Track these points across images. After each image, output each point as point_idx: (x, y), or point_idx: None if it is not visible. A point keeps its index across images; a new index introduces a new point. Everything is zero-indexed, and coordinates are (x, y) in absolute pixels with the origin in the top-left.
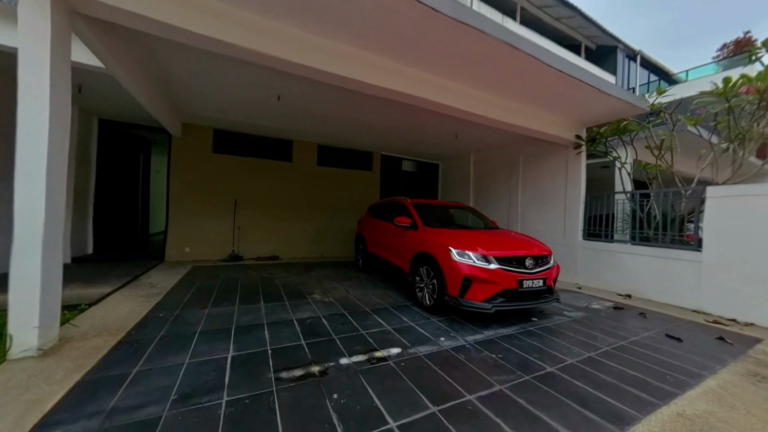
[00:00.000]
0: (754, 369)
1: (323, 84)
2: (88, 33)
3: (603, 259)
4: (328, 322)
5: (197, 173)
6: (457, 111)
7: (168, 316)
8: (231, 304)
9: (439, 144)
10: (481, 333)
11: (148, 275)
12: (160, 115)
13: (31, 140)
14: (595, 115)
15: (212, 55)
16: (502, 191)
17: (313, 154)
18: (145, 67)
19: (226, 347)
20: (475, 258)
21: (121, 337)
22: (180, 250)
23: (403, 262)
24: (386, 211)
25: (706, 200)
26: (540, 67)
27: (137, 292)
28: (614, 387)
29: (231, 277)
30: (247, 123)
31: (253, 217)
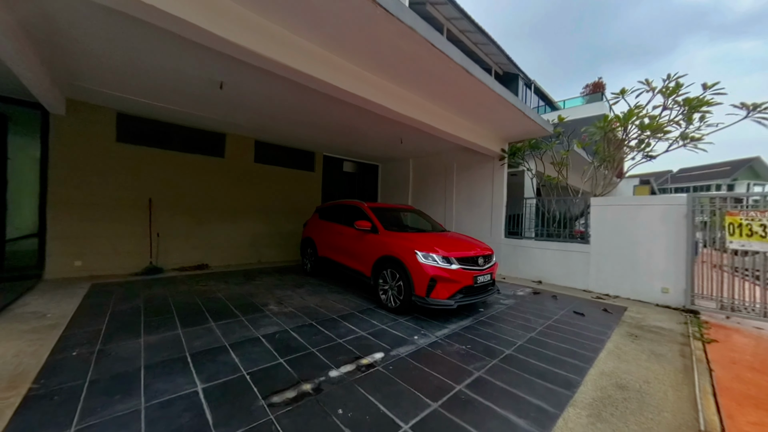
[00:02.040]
0: (629, 330)
1: (273, 76)
2: None
3: (520, 253)
4: (299, 335)
5: (94, 166)
6: (408, 119)
7: (86, 353)
8: (171, 327)
9: (383, 147)
10: (446, 327)
11: (24, 302)
12: (36, 83)
13: None
14: (516, 133)
15: (128, 20)
16: (438, 194)
17: (250, 150)
18: (19, 17)
19: (190, 380)
20: (438, 260)
21: (27, 390)
22: (67, 264)
23: (363, 266)
24: (339, 214)
25: (591, 207)
26: (485, 91)
27: (17, 326)
28: (556, 359)
29: (156, 295)
30: (169, 110)
31: (175, 221)
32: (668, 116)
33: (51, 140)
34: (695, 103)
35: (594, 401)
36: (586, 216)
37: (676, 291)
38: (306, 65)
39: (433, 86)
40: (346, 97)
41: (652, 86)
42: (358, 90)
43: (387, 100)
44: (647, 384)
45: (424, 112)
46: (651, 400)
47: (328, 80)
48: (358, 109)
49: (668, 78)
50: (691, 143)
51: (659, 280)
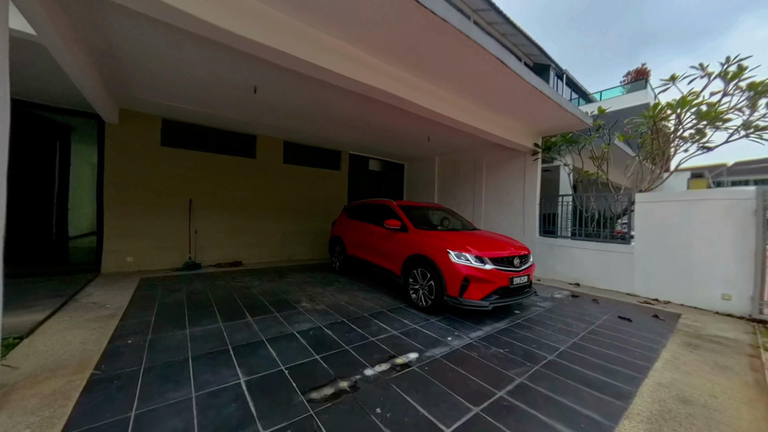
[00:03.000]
0: (687, 340)
1: (303, 77)
2: None
3: (555, 253)
4: (332, 332)
5: (142, 170)
6: (438, 115)
7: (139, 342)
8: (212, 321)
9: (409, 145)
10: (480, 329)
11: (87, 293)
12: (96, 97)
13: None
14: (550, 126)
15: (174, 34)
16: (466, 193)
17: (279, 150)
18: (85, 38)
19: (233, 372)
20: (472, 259)
21: (90, 374)
22: (120, 260)
23: (392, 265)
24: (367, 213)
25: (636, 203)
26: (519, 83)
27: (82, 315)
28: (604, 367)
29: (196, 290)
30: (206, 114)
31: (212, 220)
32: (728, 103)
33: (106, 147)
34: (762, 87)
35: (653, 415)
36: (629, 214)
37: (741, 298)
38: (338, 65)
39: (464, 80)
40: (376, 94)
41: (708, 71)
42: (388, 87)
43: (417, 96)
44: (714, 399)
45: (454, 107)
46: (722, 417)
47: (360, 79)
48: (385, 107)
49: (728, 61)
50: (755, 133)
51: (719, 286)
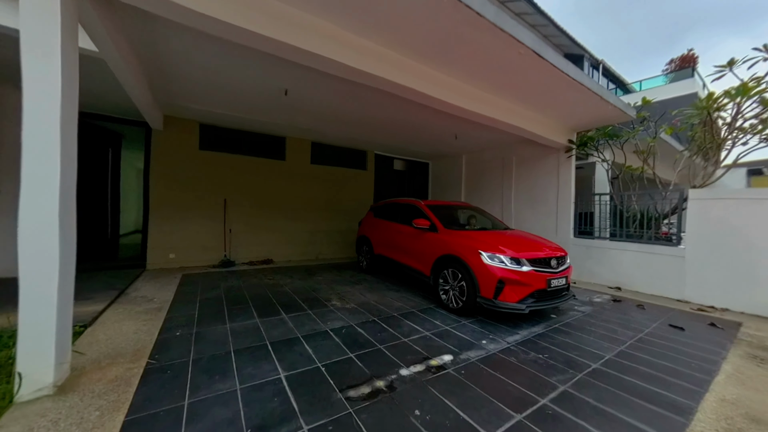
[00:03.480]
0: (751, 351)
1: (332, 78)
2: (90, 12)
3: (594, 255)
4: (364, 331)
5: (183, 172)
6: (467, 112)
7: (186, 334)
8: (250, 317)
9: (435, 143)
10: (516, 333)
11: (135, 287)
12: (145, 106)
13: (40, 140)
14: (588, 120)
15: (215, 43)
16: (495, 191)
17: (307, 151)
18: (138, 52)
19: (273, 367)
20: (506, 261)
21: (145, 363)
22: (164, 256)
23: (421, 265)
24: (395, 213)
25: (689, 201)
26: (556, 76)
27: (133, 308)
28: (658, 379)
29: (233, 286)
30: (239, 117)
31: (245, 219)
32: None
33: (152, 151)
34: None
35: None
36: (679, 213)
37: None
38: (367, 64)
39: (497, 76)
40: (405, 93)
41: None
42: (417, 86)
43: (447, 94)
44: None
45: (486, 104)
46: None
47: (389, 78)
48: (414, 105)
49: None
50: None
51: None
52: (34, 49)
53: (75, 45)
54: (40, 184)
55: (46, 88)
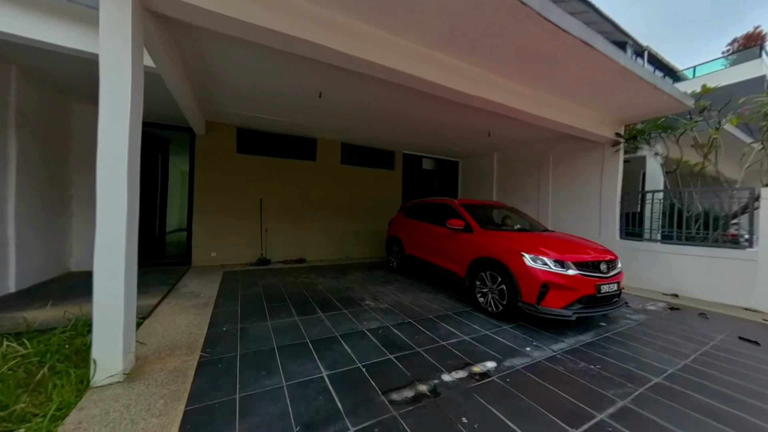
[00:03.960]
0: None
1: (364, 79)
2: (152, 32)
3: (644, 259)
4: (400, 332)
5: (222, 174)
6: (505, 108)
7: (233, 330)
8: (289, 314)
9: (466, 141)
10: (562, 341)
11: (183, 283)
12: (191, 112)
13: (111, 148)
14: (638, 112)
15: (256, 51)
16: (530, 190)
17: (337, 152)
18: (188, 65)
19: (315, 365)
20: (550, 263)
21: (199, 356)
22: (206, 254)
23: (456, 266)
24: (426, 212)
25: (761, 201)
26: (605, 65)
27: (184, 302)
28: (732, 398)
29: (270, 284)
30: (274, 121)
31: (279, 219)
32: None
33: (196, 155)
34: None
35: None
36: (750, 213)
37: None
38: (400, 63)
39: (539, 67)
40: (442, 92)
41: None
42: (452, 83)
43: (484, 90)
44: None
45: (525, 99)
46: None
47: (424, 76)
48: (446, 103)
49: None
50: None
51: None
52: (109, 69)
53: (141, 63)
54: (110, 187)
55: (117, 101)
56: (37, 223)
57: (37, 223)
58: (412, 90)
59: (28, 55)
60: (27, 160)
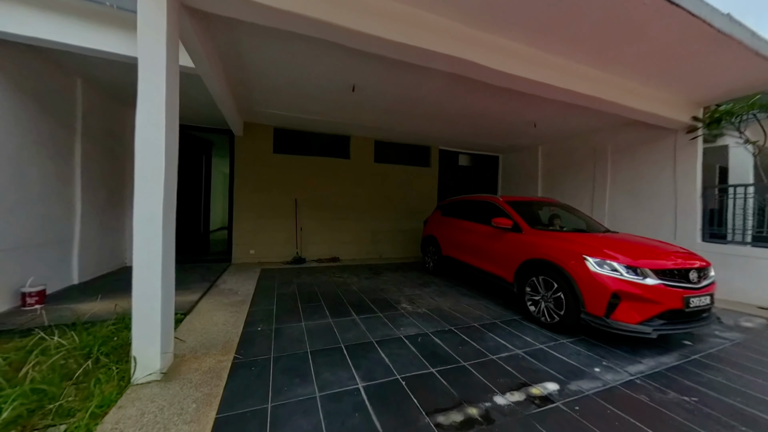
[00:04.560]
0: None
1: (398, 70)
2: (189, 30)
3: (734, 265)
4: (442, 342)
5: (260, 174)
6: (559, 91)
7: (267, 330)
8: (322, 316)
9: (508, 134)
10: (639, 362)
11: (223, 279)
12: (230, 114)
13: (148, 146)
14: (727, 88)
15: (292, 45)
16: (582, 186)
17: (371, 150)
18: (227, 64)
19: (350, 375)
20: (622, 269)
21: (233, 357)
22: (245, 252)
23: (502, 270)
24: (466, 211)
25: None
26: (695, 29)
27: (222, 299)
28: None
29: (305, 282)
30: (309, 119)
31: (313, 218)
32: None
33: (235, 156)
34: None
35: None
36: None
37: None
38: (446, 45)
39: (603, 40)
40: (491, 77)
41: None
42: (503, 66)
43: (540, 73)
44: None
45: (589, 82)
46: None
47: (474, 60)
48: (488, 92)
49: None
50: None
51: None
52: (145, 66)
53: (176, 60)
54: (148, 184)
55: (153, 99)
56: (98, 220)
57: (98, 220)
58: (456, 79)
59: (90, 67)
60: (89, 162)
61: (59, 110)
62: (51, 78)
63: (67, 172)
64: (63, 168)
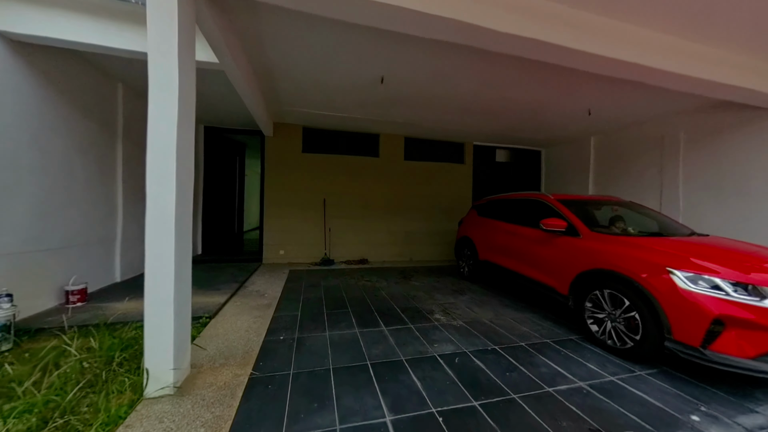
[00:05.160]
0: None
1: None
2: (209, 21)
3: None
4: (484, 365)
5: (288, 174)
6: (630, 68)
7: (289, 339)
8: (349, 325)
9: (556, 125)
10: (753, 411)
11: (252, 281)
12: (259, 114)
13: (160, 139)
14: None
15: (317, 36)
16: (646, 181)
17: (400, 147)
18: (252, 60)
19: (377, 402)
20: (727, 287)
21: (250, 371)
22: (275, 253)
23: (553, 279)
24: (507, 210)
25: None
26: None
27: (248, 302)
28: None
29: (332, 286)
30: (336, 117)
31: (342, 218)
32: None
33: (266, 157)
34: None
35: None
36: None
37: None
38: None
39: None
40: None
41: None
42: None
43: (601, 45)
44: None
45: (663, 54)
46: None
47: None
48: (534, 77)
49: None
50: None
51: None
52: (156, 55)
53: (189, 49)
54: (159, 182)
55: (164, 90)
56: (138, 220)
57: (138, 220)
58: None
59: (130, 71)
60: (130, 165)
61: (102, 114)
62: (94, 82)
63: (109, 174)
64: (106, 170)
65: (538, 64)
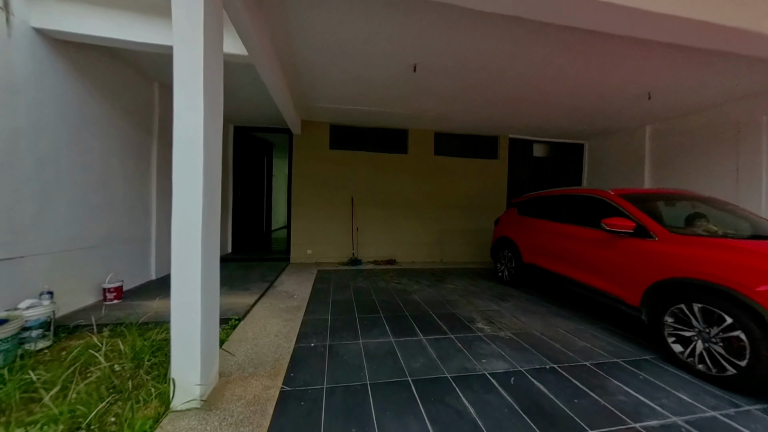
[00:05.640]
0: None
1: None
2: (241, 9)
3: None
4: (544, 387)
5: (316, 172)
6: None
7: (320, 347)
8: (382, 332)
9: (606, 112)
10: None
11: (280, 281)
12: (286, 108)
13: (185, 134)
14: None
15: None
16: (718, 173)
17: (430, 143)
18: (280, 53)
19: (423, 430)
20: None
21: (281, 384)
22: (303, 252)
23: (618, 288)
24: (556, 209)
25: None
26: None
27: (278, 304)
28: None
29: (361, 288)
30: (364, 112)
31: (369, 216)
32: None
33: (293, 155)
34: None
35: None
36: None
37: None
38: None
39: None
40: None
41: None
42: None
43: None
44: None
45: None
46: None
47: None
48: (597, 59)
49: None
50: None
51: None
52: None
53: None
54: (184, 177)
55: (189, 83)
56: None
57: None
58: (555, 39)
59: (166, 71)
60: (164, 163)
61: (138, 113)
62: (131, 82)
63: (145, 173)
64: (142, 169)
65: (597, 40)
